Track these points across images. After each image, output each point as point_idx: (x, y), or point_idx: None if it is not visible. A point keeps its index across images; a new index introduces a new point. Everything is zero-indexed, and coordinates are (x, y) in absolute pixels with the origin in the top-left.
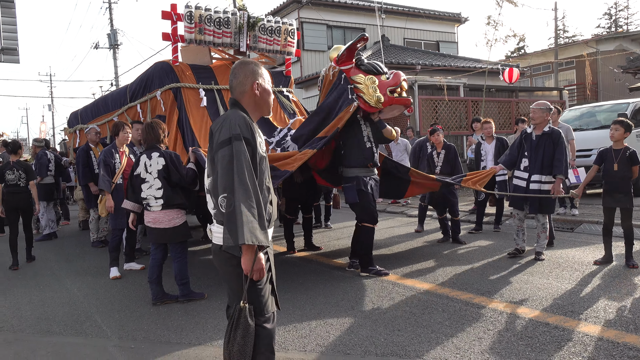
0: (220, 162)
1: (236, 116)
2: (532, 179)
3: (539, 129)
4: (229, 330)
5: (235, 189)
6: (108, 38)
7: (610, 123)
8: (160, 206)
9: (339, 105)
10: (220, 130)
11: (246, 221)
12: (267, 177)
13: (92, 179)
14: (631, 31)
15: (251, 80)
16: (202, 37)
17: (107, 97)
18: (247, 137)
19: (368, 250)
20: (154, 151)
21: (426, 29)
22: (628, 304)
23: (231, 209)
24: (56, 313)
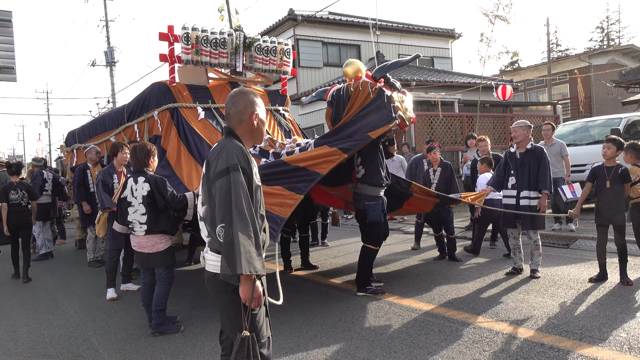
0: (218, 192)
1: (233, 146)
2: (521, 195)
3: (522, 147)
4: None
5: (234, 219)
6: (105, 55)
7: (603, 138)
8: (143, 231)
9: (375, 122)
10: (217, 160)
11: (244, 251)
12: (261, 205)
13: (86, 198)
14: (623, 45)
15: (250, 110)
16: (199, 57)
17: (104, 117)
18: (244, 167)
19: (367, 270)
20: (140, 175)
21: (420, 44)
22: (622, 324)
23: (229, 239)
24: (53, 336)
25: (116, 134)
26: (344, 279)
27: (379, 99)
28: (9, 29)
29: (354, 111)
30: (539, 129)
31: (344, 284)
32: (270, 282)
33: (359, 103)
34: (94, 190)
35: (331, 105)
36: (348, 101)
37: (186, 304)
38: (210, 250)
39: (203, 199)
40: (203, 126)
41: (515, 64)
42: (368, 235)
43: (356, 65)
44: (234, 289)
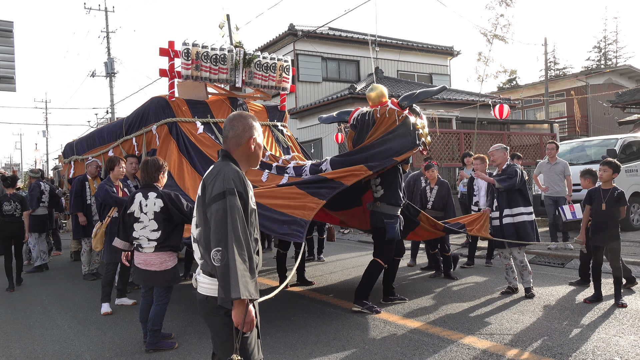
0: (214, 216)
1: (229, 170)
2: (503, 214)
3: (500, 169)
4: None
5: (229, 243)
6: (105, 66)
7: (599, 158)
8: (152, 248)
9: (398, 147)
10: (214, 183)
11: (240, 275)
12: (255, 229)
13: (82, 209)
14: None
15: (248, 135)
16: (199, 73)
17: (103, 130)
18: (240, 192)
19: (370, 285)
20: (151, 190)
21: (419, 61)
22: (616, 347)
23: (225, 263)
24: (46, 351)
25: (114, 147)
26: (340, 296)
27: (405, 127)
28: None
29: (377, 135)
30: (536, 147)
31: (340, 300)
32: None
33: (383, 128)
34: (90, 202)
35: (354, 128)
36: (373, 125)
37: (181, 319)
38: (202, 273)
39: (197, 222)
40: (203, 140)
41: (513, 81)
42: (381, 251)
43: (380, 91)
44: (226, 312)
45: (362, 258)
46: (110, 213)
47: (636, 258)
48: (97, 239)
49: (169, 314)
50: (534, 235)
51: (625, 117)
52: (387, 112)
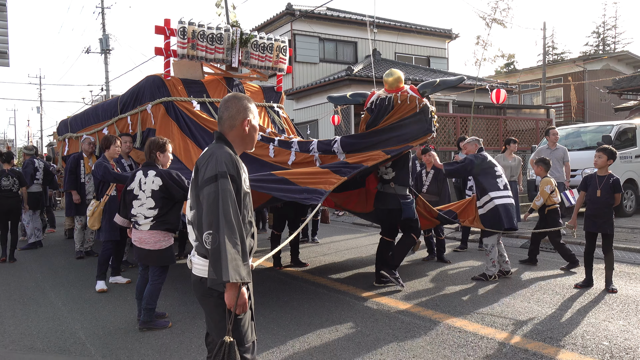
0: (206, 199)
1: (222, 153)
2: (477, 205)
3: None
4: None
5: (221, 226)
6: (100, 43)
7: (595, 144)
8: (148, 225)
9: (414, 133)
10: (206, 166)
11: (231, 259)
12: (250, 211)
13: (76, 187)
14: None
15: (242, 116)
16: (195, 52)
17: (97, 107)
18: (233, 174)
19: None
20: (151, 169)
21: (417, 44)
22: (605, 332)
23: (216, 246)
24: (40, 328)
25: (109, 125)
26: (333, 278)
27: (423, 114)
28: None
29: (393, 120)
30: (532, 132)
31: (333, 282)
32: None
33: (401, 113)
34: (84, 180)
35: (371, 112)
36: (391, 110)
37: (175, 299)
38: (197, 254)
39: (191, 204)
40: (203, 115)
41: (510, 65)
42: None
43: (398, 76)
44: (220, 294)
45: (356, 240)
46: (108, 191)
47: (628, 244)
48: (94, 217)
49: (163, 293)
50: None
51: (622, 104)
52: (409, 99)
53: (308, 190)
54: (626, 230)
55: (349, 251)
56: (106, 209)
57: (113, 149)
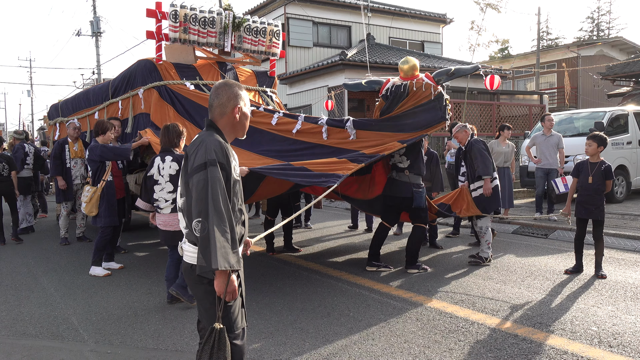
0: (195, 187)
1: (212, 140)
2: (470, 188)
3: (463, 145)
4: (210, 353)
5: (210, 214)
6: (91, 25)
7: (587, 131)
8: (169, 208)
9: (428, 120)
10: (196, 154)
11: (220, 247)
12: (240, 199)
13: (62, 173)
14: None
15: (233, 103)
16: (187, 36)
17: (88, 92)
18: (222, 162)
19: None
20: (168, 155)
21: (411, 28)
22: (594, 317)
23: (205, 234)
24: (32, 314)
25: (100, 109)
26: (326, 264)
27: (437, 101)
28: None
29: (407, 107)
30: (525, 118)
31: (326, 268)
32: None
33: (414, 101)
34: (70, 165)
35: (385, 99)
36: (406, 97)
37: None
38: (188, 242)
39: (182, 191)
40: (199, 94)
41: (504, 51)
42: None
43: (413, 64)
44: (209, 282)
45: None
46: (105, 177)
47: (618, 230)
48: (91, 203)
49: (156, 279)
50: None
51: (615, 90)
52: (424, 86)
53: (326, 174)
54: (617, 216)
55: (341, 237)
56: (104, 194)
57: (108, 135)
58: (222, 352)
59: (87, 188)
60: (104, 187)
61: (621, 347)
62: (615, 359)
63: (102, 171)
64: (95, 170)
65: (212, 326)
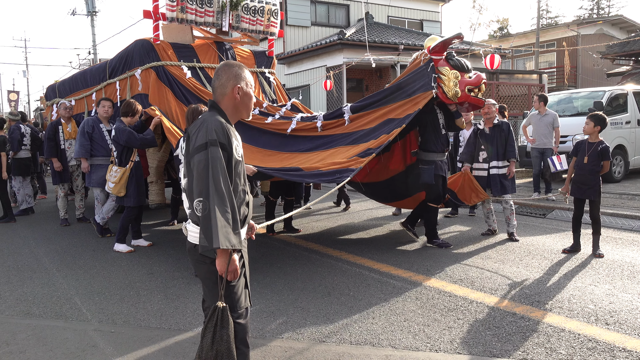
0: (196, 167)
1: (213, 121)
2: (491, 166)
3: (490, 123)
4: (213, 331)
5: (210, 194)
6: (86, 4)
7: (586, 110)
8: None
9: (415, 88)
10: (197, 134)
11: (221, 226)
12: (243, 179)
13: (57, 155)
14: (612, 16)
15: (233, 83)
16: (184, 15)
17: (86, 72)
18: (223, 143)
19: (433, 226)
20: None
21: (410, 7)
22: (591, 296)
23: (206, 214)
24: (36, 294)
25: (97, 90)
26: (326, 244)
27: (424, 68)
28: None
29: (401, 76)
30: (524, 98)
31: (325, 248)
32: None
33: (409, 69)
34: (64, 147)
35: None
36: None
37: (170, 265)
38: (191, 222)
39: (184, 172)
40: (195, 85)
41: (504, 29)
42: (430, 195)
43: (432, 40)
44: (212, 261)
45: (351, 206)
46: (132, 157)
47: (616, 209)
48: (120, 184)
49: (158, 259)
50: (514, 186)
51: (614, 69)
52: (421, 54)
53: (339, 170)
54: (614, 195)
55: (341, 217)
56: (132, 175)
57: (136, 119)
58: (225, 329)
59: (114, 169)
60: (132, 168)
61: (617, 325)
62: (612, 336)
63: (129, 152)
64: (120, 151)
65: (214, 305)
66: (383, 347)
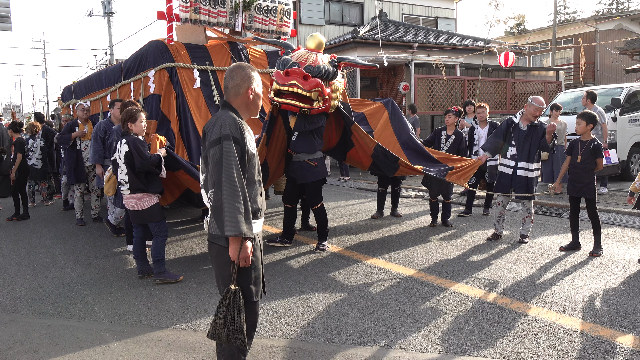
0: (211, 160)
1: (226, 117)
2: (518, 166)
3: (527, 120)
4: (225, 311)
5: (223, 185)
6: (102, 5)
7: (604, 107)
8: (128, 190)
9: None
10: (212, 130)
11: (232, 215)
12: (257, 172)
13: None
14: (631, 11)
15: (247, 85)
16: (198, 16)
17: (101, 73)
18: (236, 137)
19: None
20: (123, 137)
21: (425, 4)
22: (606, 297)
23: (219, 203)
24: (50, 294)
25: (112, 91)
26: (337, 243)
27: None
28: None
29: None
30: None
31: (337, 248)
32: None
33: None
34: (80, 147)
35: None
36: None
37: (182, 265)
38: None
39: (202, 168)
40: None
41: (520, 26)
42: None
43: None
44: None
45: (361, 205)
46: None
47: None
48: (109, 183)
49: (169, 262)
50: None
51: (633, 65)
52: None
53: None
54: None
55: (353, 216)
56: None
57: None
58: (237, 310)
59: (109, 168)
60: None
61: (632, 327)
62: (626, 338)
63: None
64: None
65: (228, 287)
66: (392, 349)
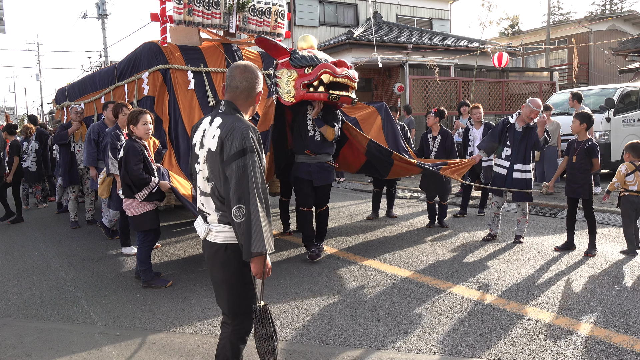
0: (235, 174)
1: (246, 126)
2: (515, 168)
3: (523, 122)
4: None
5: (251, 200)
6: (97, 7)
7: (597, 108)
8: (123, 195)
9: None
10: (232, 140)
11: (263, 231)
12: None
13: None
14: (624, 11)
15: (259, 89)
16: (191, 18)
17: (95, 75)
18: (257, 148)
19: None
20: (126, 141)
21: (419, 5)
22: (600, 297)
23: (247, 220)
24: (44, 297)
25: (106, 93)
26: (333, 244)
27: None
28: None
29: None
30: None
31: (333, 249)
32: None
33: None
34: (75, 149)
35: None
36: None
37: (176, 268)
38: (219, 223)
39: (209, 176)
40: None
41: (514, 26)
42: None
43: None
44: (244, 263)
45: (356, 207)
46: None
47: None
48: (103, 186)
49: (163, 264)
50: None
51: (627, 66)
52: None
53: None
54: None
55: (348, 217)
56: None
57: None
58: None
59: (103, 170)
60: None
61: (626, 326)
62: (620, 338)
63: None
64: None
65: (258, 306)
66: (387, 350)
